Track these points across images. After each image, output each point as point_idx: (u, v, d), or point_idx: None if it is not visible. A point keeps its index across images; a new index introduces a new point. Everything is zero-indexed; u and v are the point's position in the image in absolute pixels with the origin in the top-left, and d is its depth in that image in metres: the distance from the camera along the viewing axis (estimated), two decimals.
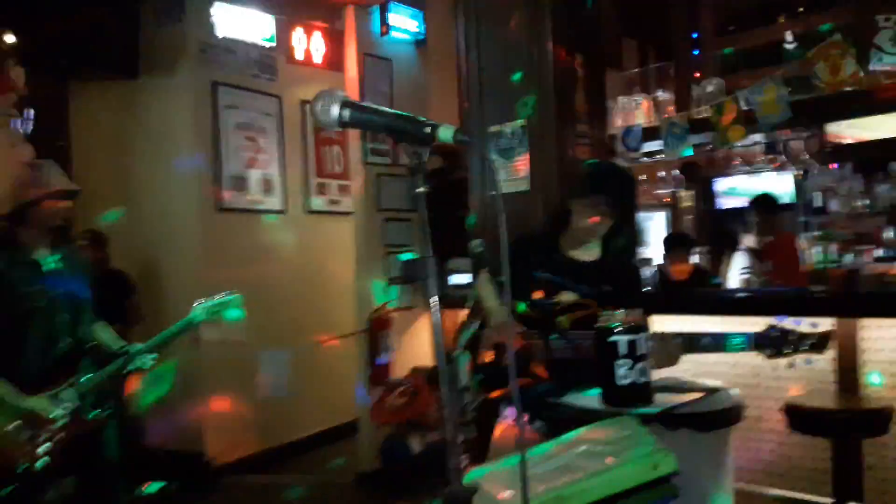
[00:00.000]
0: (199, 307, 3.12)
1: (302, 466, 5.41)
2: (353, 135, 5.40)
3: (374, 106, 1.04)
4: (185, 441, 5.11)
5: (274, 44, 5.15)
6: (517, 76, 3.52)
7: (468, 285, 4.15)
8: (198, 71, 5.12)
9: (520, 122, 3.58)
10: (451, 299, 5.02)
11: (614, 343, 2.03)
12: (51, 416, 2.68)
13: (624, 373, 2.02)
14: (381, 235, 5.04)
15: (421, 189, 0.99)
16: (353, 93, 5.26)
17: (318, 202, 6.20)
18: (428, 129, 0.98)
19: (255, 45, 5.23)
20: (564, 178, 3.48)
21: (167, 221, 5.23)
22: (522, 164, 3.56)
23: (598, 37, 3.94)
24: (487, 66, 3.75)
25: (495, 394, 2.54)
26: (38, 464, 2.66)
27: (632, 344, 2.03)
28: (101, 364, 2.90)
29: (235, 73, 5.35)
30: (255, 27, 5.06)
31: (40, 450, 2.68)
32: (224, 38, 4.97)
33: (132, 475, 4.67)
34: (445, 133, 0.98)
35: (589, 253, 2.67)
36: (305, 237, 5.98)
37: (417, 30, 5.41)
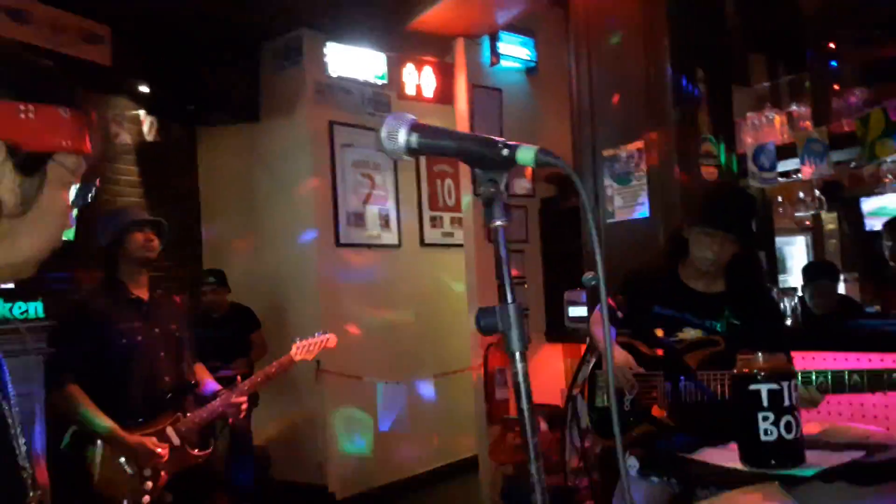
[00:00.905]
0: (296, 346, 3.13)
1: (423, 502, 5.32)
2: (465, 167, 5.35)
3: (445, 128, 0.91)
4: (310, 474, 5.17)
5: (385, 81, 5.22)
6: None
7: (587, 319, 3.93)
8: (315, 111, 5.26)
9: (636, 144, 3.35)
10: (569, 333, 4.86)
11: (756, 392, 1.74)
12: (156, 453, 2.71)
13: (767, 427, 1.73)
14: (493, 267, 4.97)
15: (498, 222, 0.85)
16: (462, 125, 5.22)
17: (432, 235, 6.20)
18: (505, 152, 0.84)
19: (368, 84, 5.32)
20: (689, 203, 3.21)
21: (289, 257, 5.38)
22: (641, 189, 3.33)
23: (723, 50, 3.65)
24: (601, 88, 3.57)
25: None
26: (145, 499, 2.70)
27: (776, 394, 1.73)
28: (201, 402, 2.94)
29: (351, 111, 5.46)
30: (368, 65, 5.14)
31: (146, 486, 2.72)
32: (339, 77, 5.08)
33: None
34: (525, 155, 0.83)
35: (713, 284, 2.42)
36: (420, 270, 5.97)
37: (528, 57, 5.32)
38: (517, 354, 0.81)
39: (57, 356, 2.70)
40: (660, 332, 2.33)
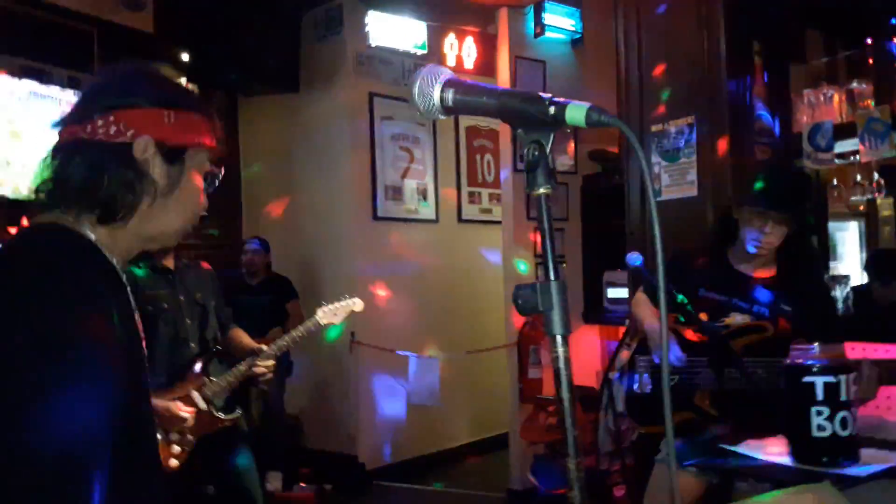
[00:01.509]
0: (322, 310, 3.15)
1: (451, 476, 5.32)
2: (504, 142, 5.24)
3: (484, 84, 0.83)
4: (341, 444, 5.20)
5: (425, 51, 5.10)
6: None
7: (627, 300, 3.83)
8: (355, 82, 5.20)
9: (686, 120, 3.21)
10: (607, 315, 4.76)
11: (810, 385, 1.62)
12: (181, 417, 2.72)
13: (821, 423, 1.62)
14: (531, 245, 4.90)
15: (542, 189, 0.76)
16: None
17: (469, 211, 6.12)
18: (553, 109, 0.75)
19: (408, 55, 5.22)
20: (739, 182, 3.07)
21: (326, 229, 5.36)
22: (690, 166, 3.18)
23: (780, 24, 3.46)
24: (650, 61, 3.42)
25: (653, 429, 2.23)
26: (172, 463, 2.71)
27: (832, 387, 1.62)
28: (230, 367, 2.94)
29: (390, 83, 5.37)
30: (408, 35, 5.03)
31: (173, 450, 2.73)
32: (378, 47, 4.99)
33: (291, 473, 4.84)
34: (576, 113, 0.74)
35: (763, 268, 2.30)
36: (457, 246, 5.90)
37: (573, 28, 5.15)
38: (558, 338, 0.74)
39: None
40: (704, 316, 2.22)
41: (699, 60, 3.19)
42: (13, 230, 4.10)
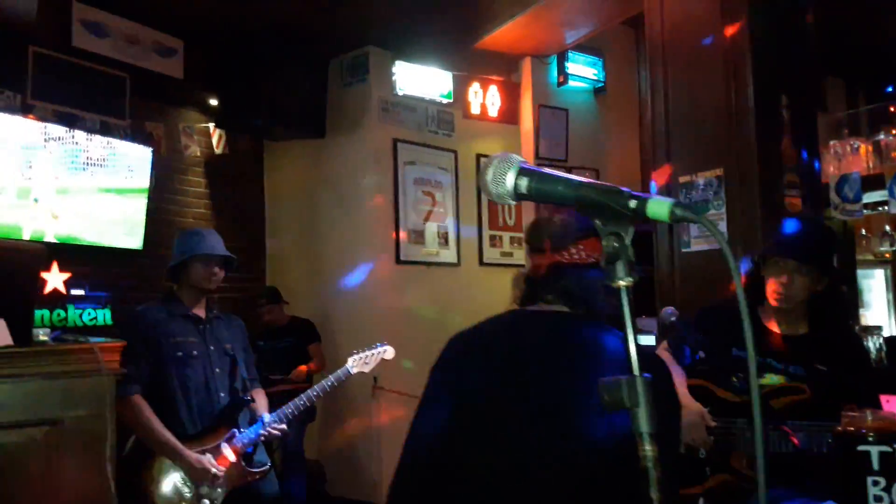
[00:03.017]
0: (352, 359, 3.18)
1: None
2: None
3: (560, 174, 0.83)
4: (364, 491, 5.13)
5: (451, 100, 5.17)
6: None
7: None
8: (380, 129, 5.26)
9: (715, 172, 3.21)
10: None
11: (865, 454, 1.58)
12: (213, 472, 2.71)
13: (878, 493, 1.57)
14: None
15: (623, 282, 0.76)
16: (527, 145, 5.14)
17: (491, 254, 6.12)
18: (633, 203, 0.75)
19: (433, 102, 5.29)
20: (770, 233, 3.05)
21: (350, 273, 5.37)
22: (719, 218, 3.18)
23: (806, 76, 3.48)
24: (676, 111, 3.44)
25: (691, 490, 2.18)
26: None
27: (888, 457, 1.57)
28: (253, 420, 2.94)
29: (414, 129, 5.44)
30: (434, 84, 5.11)
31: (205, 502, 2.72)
32: (404, 95, 5.06)
33: None
34: (659, 208, 0.74)
35: (794, 326, 2.23)
36: (479, 289, 5.88)
37: (596, 77, 5.22)
38: (646, 436, 0.72)
39: (123, 363, 2.74)
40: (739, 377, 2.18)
41: (727, 113, 3.20)
42: (46, 273, 4.15)
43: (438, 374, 1.48)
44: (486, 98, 5.01)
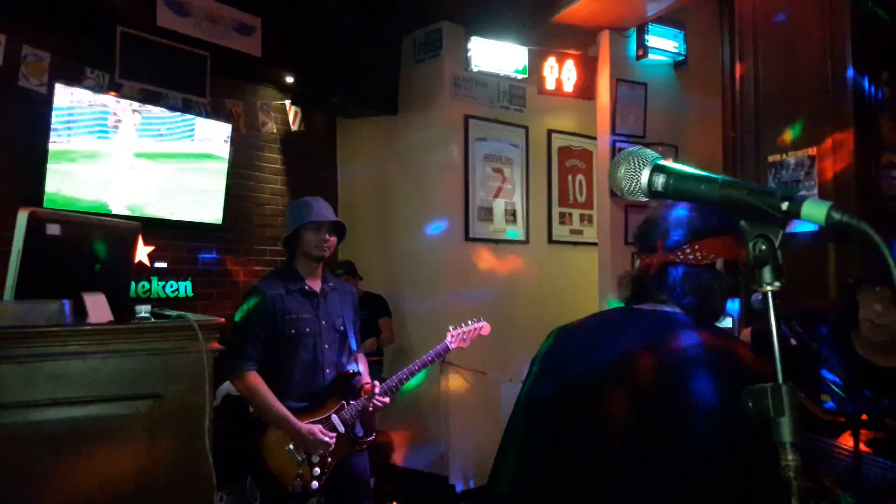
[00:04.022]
0: (450, 335, 3.22)
1: None
2: (601, 163, 5.16)
3: (701, 172, 0.80)
4: (431, 464, 5.21)
5: (526, 75, 5.09)
6: None
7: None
8: (451, 105, 5.23)
9: (807, 151, 3.07)
10: None
11: None
12: (325, 442, 2.81)
13: None
14: (628, 269, 4.81)
15: (770, 287, 0.72)
16: (603, 120, 5.02)
17: (560, 232, 6.05)
18: (786, 205, 0.71)
19: (506, 77, 5.22)
20: (866, 220, 2.91)
21: (419, 249, 5.41)
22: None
23: None
24: (766, 86, 3.29)
25: None
26: (313, 484, 2.80)
27: None
28: (358, 394, 3.00)
29: (486, 105, 5.39)
30: (509, 59, 5.03)
31: (314, 472, 2.82)
32: (479, 71, 5.01)
33: (382, 491, 4.89)
34: (815, 210, 0.70)
35: (892, 357, 2.06)
36: (547, 267, 5.84)
37: (676, 50, 5.04)
38: (788, 447, 0.70)
39: (238, 342, 2.87)
40: (826, 398, 2.05)
41: (822, 89, 3.05)
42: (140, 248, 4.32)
43: (543, 375, 1.46)
44: (561, 73, 4.90)
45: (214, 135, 4.90)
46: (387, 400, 3.03)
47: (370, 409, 3.00)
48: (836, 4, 3.06)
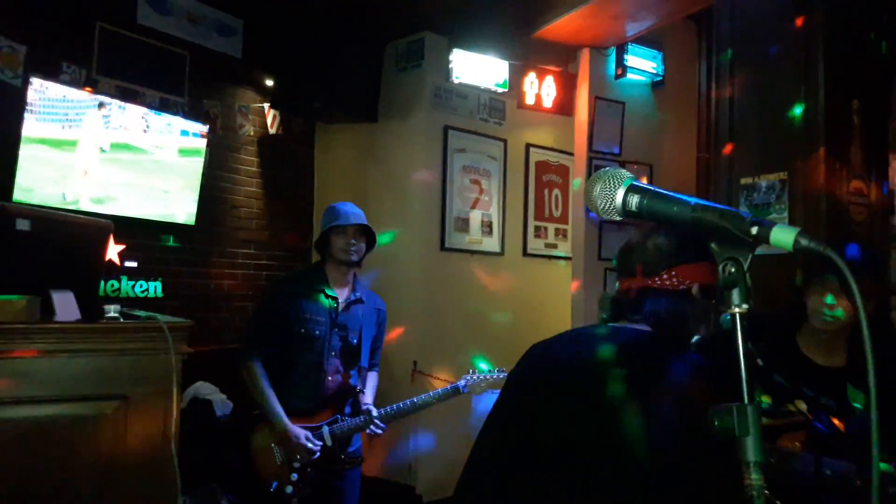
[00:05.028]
0: (465, 379, 3.20)
1: None
2: (577, 179, 5.22)
3: (675, 194, 0.82)
4: (399, 474, 5.18)
5: (506, 89, 5.13)
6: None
7: None
8: (431, 115, 5.25)
9: (779, 175, 3.14)
10: None
11: None
12: (310, 449, 2.79)
13: None
14: (601, 285, 4.85)
15: (738, 309, 0.74)
16: (581, 136, 5.08)
17: (535, 245, 6.09)
18: (755, 230, 0.73)
19: (486, 90, 5.26)
20: (834, 243, 2.98)
21: (395, 258, 5.39)
22: (781, 223, 3.10)
23: (879, 80, 3.37)
24: (741, 111, 3.36)
25: None
26: (288, 488, 2.78)
27: None
28: (357, 410, 2.98)
29: (465, 116, 5.42)
30: (490, 72, 5.07)
31: (292, 477, 2.80)
32: (460, 83, 5.04)
33: None
34: (783, 235, 0.72)
35: (832, 356, 2.12)
36: (521, 279, 5.87)
37: (654, 71, 5.13)
38: (752, 465, 0.71)
39: (252, 330, 2.89)
40: (766, 398, 2.09)
41: (796, 117, 3.12)
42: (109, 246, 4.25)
43: (513, 387, 1.51)
44: (541, 88, 4.95)
45: (191, 135, 4.86)
46: (384, 428, 2.99)
47: (367, 431, 2.97)
48: (812, 35, 3.15)
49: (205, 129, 4.92)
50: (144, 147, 4.63)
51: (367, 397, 3.08)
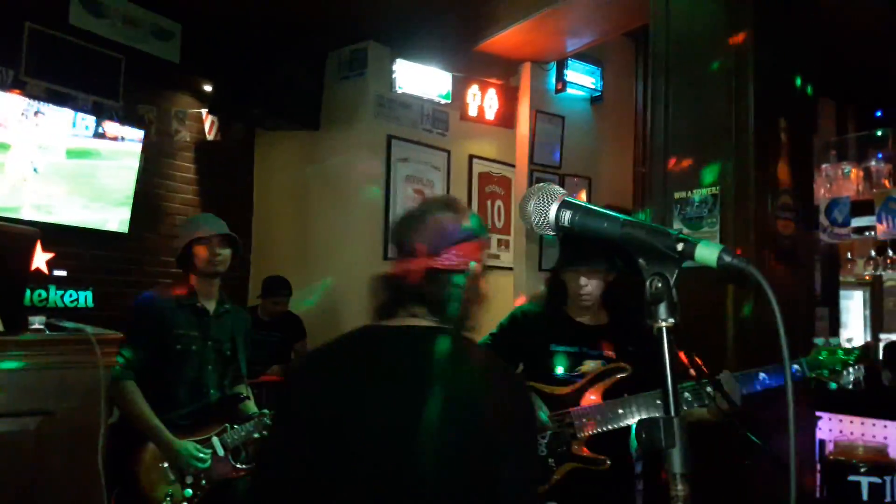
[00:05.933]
0: None
1: None
2: (519, 190, 5.28)
3: (604, 210, 0.84)
4: None
5: (449, 100, 5.17)
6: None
7: None
8: (374, 124, 5.24)
9: (711, 190, 3.24)
10: None
11: (855, 485, 1.62)
12: (199, 457, 2.71)
13: None
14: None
15: (664, 323, 0.77)
16: (522, 149, 5.15)
17: None
18: (681, 247, 0.76)
19: (430, 101, 5.28)
20: (763, 254, 3.10)
21: (336, 268, 5.35)
22: (712, 236, 3.21)
23: (804, 99, 3.53)
24: (676, 126, 3.46)
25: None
26: None
27: (878, 489, 1.61)
28: (241, 420, 2.93)
29: (409, 126, 5.43)
30: (433, 84, 5.10)
31: (186, 493, 2.71)
32: (403, 93, 5.05)
33: None
34: (707, 252, 0.75)
35: (597, 318, 2.51)
36: None
37: (593, 86, 5.25)
38: (678, 477, 0.73)
39: (123, 349, 2.73)
40: (560, 370, 2.39)
41: (727, 134, 3.23)
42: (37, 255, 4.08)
43: (287, 394, 1.40)
44: (483, 101, 5.00)
45: (125, 140, 4.72)
46: None
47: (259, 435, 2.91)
48: (742, 54, 3.27)
49: (140, 134, 4.78)
50: (75, 151, 4.48)
51: (252, 406, 3.03)
